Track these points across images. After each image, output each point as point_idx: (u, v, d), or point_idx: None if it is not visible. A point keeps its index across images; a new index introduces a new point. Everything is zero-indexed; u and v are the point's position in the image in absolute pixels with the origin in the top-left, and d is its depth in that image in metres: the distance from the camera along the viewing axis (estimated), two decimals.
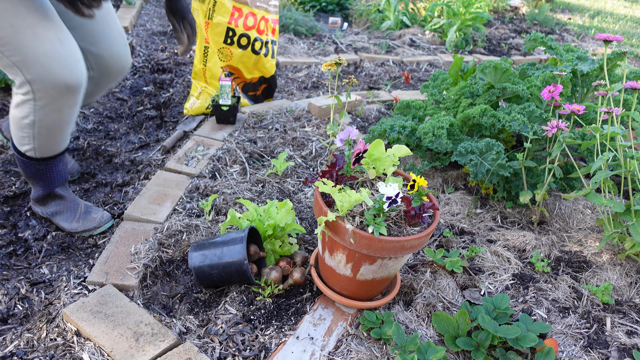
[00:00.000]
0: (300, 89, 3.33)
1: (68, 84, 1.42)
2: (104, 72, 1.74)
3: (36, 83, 1.39)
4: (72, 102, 1.48)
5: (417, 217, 1.28)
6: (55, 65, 1.38)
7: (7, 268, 1.51)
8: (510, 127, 1.91)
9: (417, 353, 1.25)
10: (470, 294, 1.57)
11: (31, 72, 1.37)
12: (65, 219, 1.67)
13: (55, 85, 1.40)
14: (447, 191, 2.15)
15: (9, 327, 1.32)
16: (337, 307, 1.46)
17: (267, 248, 1.59)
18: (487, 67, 2.14)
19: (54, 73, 1.38)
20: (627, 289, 1.63)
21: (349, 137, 1.41)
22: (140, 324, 1.31)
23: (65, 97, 1.45)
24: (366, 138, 2.26)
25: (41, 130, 1.51)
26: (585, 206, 2.06)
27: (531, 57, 4.62)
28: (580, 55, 2.20)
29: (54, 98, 1.43)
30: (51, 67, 1.38)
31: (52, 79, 1.39)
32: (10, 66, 1.38)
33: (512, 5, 6.79)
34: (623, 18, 7.27)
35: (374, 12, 5.30)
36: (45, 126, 1.50)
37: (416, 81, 3.73)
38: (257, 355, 1.29)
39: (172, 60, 3.51)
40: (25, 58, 1.36)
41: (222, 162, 2.22)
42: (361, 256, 1.29)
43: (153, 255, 1.57)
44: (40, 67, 1.37)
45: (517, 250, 1.81)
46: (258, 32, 2.67)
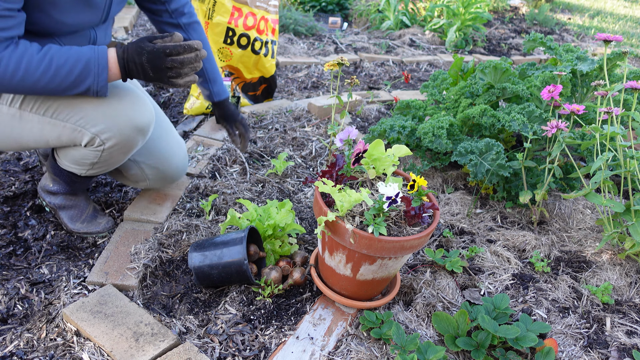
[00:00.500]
0: (300, 89, 3.33)
1: (137, 125, 1.40)
2: (159, 179, 1.77)
3: (104, 133, 1.36)
4: (141, 141, 1.48)
5: (417, 217, 1.28)
6: (120, 108, 1.37)
7: (6, 268, 1.51)
8: (510, 127, 1.91)
9: (417, 353, 1.25)
10: (470, 294, 1.57)
11: (96, 124, 1.35)
12: (69, 217, 1.66)
13: (122, 129, 1.38)
14: (447, 191, 2.15)
15: (9, 327, 1.32)
16: (337, 307, 1.46)
17: (267, 248, 1.59)
18: (487, 67, 2.14)
19: (119, 117, 1.37)
20: (627, 289, 1.63)
21: (349, 137, 1.41)
22: (140, 324, 1.31)
23: (136, 139, 1.44)
24: (366, 138, 2.26)
25: (100, 166, 1.50)
26: (585, 206, 2.06)
27: (531, 57, 4.62)
28: (580, 55, 2.21)
29: (124, 141, 1.41)
30: (115, 111, 1.36)
31: (119, 123, 1.37)
32: (72, 131, 1.36)
33: (512, 5, 6.79)
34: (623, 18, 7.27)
35: (373, 12, 5.30)
36: (106, 163, 1.49)
37: (416, 81, 3.73)
38: (257, 355, 1.29)
39: None
40: (85, 114, 1.34)
41: (222, 162, 2.22)
42: (361, 256, 1.29)
43: (153, 255, 1.57)
44: (103, 115, 1.35)
45: (517, 250, 1.81)
46: (258, 32, 2.67)
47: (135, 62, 1.26)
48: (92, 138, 1.38)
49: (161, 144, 1.70)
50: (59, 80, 1.24)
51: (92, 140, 1.38)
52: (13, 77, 1.20)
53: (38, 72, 1.21)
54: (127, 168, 1.70)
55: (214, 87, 1.82)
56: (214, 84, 1.81)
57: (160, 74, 1.26)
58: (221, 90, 1.85)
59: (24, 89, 1.24)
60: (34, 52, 1.21)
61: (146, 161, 1.69)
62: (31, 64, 1.20)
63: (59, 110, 1.36)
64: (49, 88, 1.25)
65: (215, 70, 1.81)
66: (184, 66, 1.25)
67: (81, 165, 1.50)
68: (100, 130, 1.37)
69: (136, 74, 1.29)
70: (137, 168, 1.70)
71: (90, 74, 1.25)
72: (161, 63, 1.24)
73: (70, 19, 1.34)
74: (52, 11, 1.29)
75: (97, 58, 1.26)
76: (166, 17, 1.69)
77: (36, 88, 1.24)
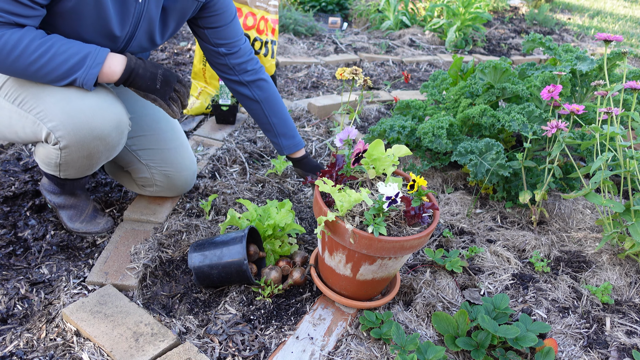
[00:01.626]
0: (300, 89, 3.33)
1: (94, 130, 1.34)
2: (167, 188, 1.79)
3: (58, 130, 1.31)
4: (104, 148, 1.40)
5: (417, 217, 1.28)
6: (79, 108, 1.31)
7: (6, 268, 1.51)
8: (509, 127, 1.91)
9: (416, 353, 1.25)
10: (470, 294, 1.57)
11: (52, 119, 1.30)
12: (69, 217, 1.66)
13: (78, 130, 1.32)
14: (447, 191, 2.15)
15: (9, 327, 1.32)
16: (336, 307, 1.46)
17: (266, 248, 1.59)
18: (487, 67, 2.14)
19: (76, 117, 1.31)
20: (627, 289, 1.64)
21: (349, 137, 1.41)
22: (140, 324, 1.31)
23: (94, 144, 1.37)
24: (366, 138, 2.26)
25: (66, 169, 1.46)
26: (584, 206, 2.06)
27: (531, 57, 4.62)
28: (580, 55, 2.21)
29: (80, 144, 1.35)
30: (74, 110, 1.30)
31: (74, 122, 1.31)
32: (32, 124, 1.33)
33: (511, 5, 6.79)
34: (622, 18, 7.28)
35: (373, 12, 5.30)
36: (71, 166, 1.45)
37: (416, 81, 3.73)
38: (256, 355, 1.29)
39: (172, 60, 3.51)
40: (45, 107, 1.31)
41: (222, 162, 2.22)
42: (361, 256, 1.29)
43: (153, 255, 1.57)
44: (61, 112, 1.30)
45: (517, 250, 1.81)
46: (258, 32, 2.67)
47: (148, 69, 1.36)
48: (48, 134, 1.32)
49: (176, 155, 1.74)
50: (51, 67, 1.23)
51: (48, 135, 1.33)
52: (9, 56, 1.19)
53: (34, 56, 1.20)
54: (138, 171, 1.72)
55: (283, 141, 1.77)
56: (283, 138, 1.77)
57: (167, 88, 1.40)
58: (292, 144, 1.78)
59: (16, 70, 1.23)
60: (37, 36, 1.21)
61: (159, 167, 1.71)
62: (30, 46, 1.19)
63: (25, 99, 1.32)
64: (40, 74, 1.24)
65: (286, 126, 1.76)
66: (183, 97, 1.44)
67: (49, 165, 1.45)
68: (55, 127, 1.31)
69: (141, 79, 1.34)
70: (148, 172, 1.72)
71: (82, 67, 1.26)
72: (172, 81, 1.41)
73: (87, 35, 1.34)
74: (74, 23, 1.29)
75: (97, 54, 1.27)
76: (230, 73, 1.69)
77: (28, 72, 1.23)
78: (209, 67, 2.61)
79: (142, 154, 1.69)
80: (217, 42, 1.62)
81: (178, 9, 1.47)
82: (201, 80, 2.66)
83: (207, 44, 1.64)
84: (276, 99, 1.75)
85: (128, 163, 1.71)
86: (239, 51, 1.66)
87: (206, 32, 1.61)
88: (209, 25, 1.59)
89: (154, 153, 1.70)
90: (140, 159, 1.70)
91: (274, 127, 1.76)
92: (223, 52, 1.63)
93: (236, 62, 1.66)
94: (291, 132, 1.77)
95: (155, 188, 1.78)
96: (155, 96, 1.38)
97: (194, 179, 1.86)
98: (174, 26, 1.53)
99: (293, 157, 1.81)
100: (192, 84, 2.67)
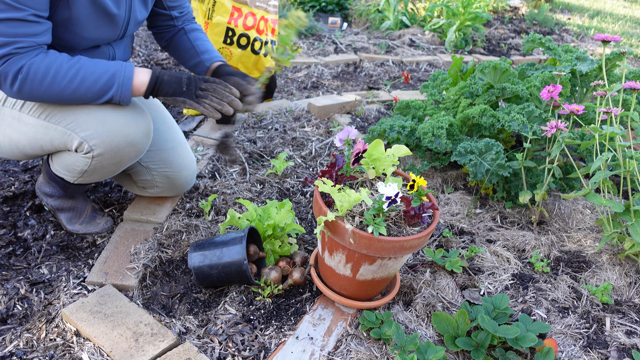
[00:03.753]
0: (300, 89, 3.33)
1: (128, 136, 1.39)
2: (167, 189, 1.80)
3: (93, 139, 1.36)
4: (134, 155, 1.47)
5: (417, 217, 1.28)
6: (113, 116, 1.36)
7: (6, 268, 1.51)
8: (509, 127, 1.91)
9: (416, 353, 1.25)
10: (470, 294, 1.57)
11: (86, 128, 1.35)
12: (68, 219, 1.66)
13: (112, 137, 1.37)
14: (447, 191, 2.15)
15: (9, 327, 1.32)
16: (336, 307, 1.46)
17: (266, 248, 1.59)
18: (487, 67, 2.14)
19: (110, 124, 1.36)
20: (627, 289, 1.64)
21: (348, 137, 1.41)
22: (140, 324, 1.31)
23: (127, 151, 1.43)
24: (366, 138, 2.26)
25: (90, 175, 1.49)
26: (584, 206, 2.06)
27: (531, 57, 4.62)
28: (579, 56, 2.21)
29: (114, 150, 1.40)
30: (108, 118, 1.36)
31: (109, 130, 1.36)
32: (62, 135, 1.36)
33: (511, 5, 6.79)
34: (622, 18, 7.28)
35: (373, 12, 5.30)
36: (96, 172, 1.48)
37: (416, 81, 3.73)
38: (256, 355, 1.29)
39: (172, 60, 3.51)
40: (76, 117, 1.35)
41: (222, 162, 2.22)
42: (361, 256, 1.29)
43: (153, 255, 1.57)
44: (94, 120, 1.35)
45: (517, 250, 1.81)
46: (258, 32, 2.67)
47: (173, 75, 1.38)
48: (81, 143, 1.36)
49: (175, 155, 1.75)
50: (85, 88, 1.29)
51: (80, 145, 1.37)
52: (42, 83, 1.24)
53: (66, 80, 1.26)
54: (139, 173, 1.73)
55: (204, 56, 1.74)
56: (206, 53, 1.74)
57: (193, 87, 1.38)
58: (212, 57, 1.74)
59: (51, 96, 1.28)
60: (64, 61, 1.26)
61: (159, 169, 1.72)
62: (60, 71, 1.25)
63: (53, 113, 1.37)
64: (76, 96, 1.29)
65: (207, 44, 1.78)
66: (215, 93, 1.40)
67: (71, 172, 1.48)
68: (89, 136, 1.35)
69: (166, 85, 1.37)
70: (148, 174, 1.73)
71: (115, 83, 1.32)
72: (198, 82, 1.40)
73: (89, 34, 1.38)
74: (72, 27, 1.33)
75: (124, 70, 1.33)
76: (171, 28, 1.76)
77: (63, 95, 1.28)
78: None
79: (141, 156, 1.70)
80: (170, 5, 1.71)
81: None
82: None
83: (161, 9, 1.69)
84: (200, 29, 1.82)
85: (129, 166, 1.72)
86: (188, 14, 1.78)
87: None
88: None
89: (153, 154, 1.70)
90: (140, 161, 1.70)
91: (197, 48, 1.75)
92: (175, 15, 1.73)
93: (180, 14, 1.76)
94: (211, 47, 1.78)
95: (156, 189, 1.78)
96: (184, 98, 1.39)
97: (193, 179, 1.87)
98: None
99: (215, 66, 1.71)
100: None
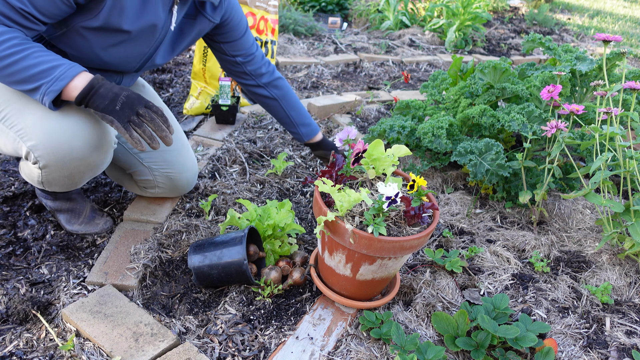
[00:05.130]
0: (300, 89, 3.33)
1: (73, 151, 1.30)
2: (169, 189, 1.80)
3: (37, 150, 1.28)
4: (85, 168, 1.38)
5: (417, 217, 1.28)
6: (60, 128, 1.27)
7: (6, 268, 1.51)
8: (509, 127, 1.91)
9: (416, 353, 1.25)
10: (470, 294, 1.57)
11: (31, 138, 1.27)
12: (67, 220, 1.66)
13: (57, 150, 1.29)
14: (447, 191, 2.15)
15: (9, 327, 1.32)
16: (336, 307, 1.46)
17: (266, 248, 1.59)
18: (487, 67, 2.14)
19: (56, 137, 1.27)
20: (627, 289, 1.64)
21: (348, 137, 1.41)
22: (140, 324, 1.31)
23: (75, 165, 1.34)
24: (366, 138, 2.26)
25: (52, 186, 1.44)
26: (584, 206, 2.06)
27: (530, 57, 4.62)
28: (579, 56, 2.21)
29: (59, 164, 1.32)
30: (53, 130, 1.27)
31: (53, 143, 1.28)
32: (13, 141, 1.31)
33: (511, 5, 6.79)
34: (622, 18, 7.28)
35: (373, 12, 5.30)
36: (55, 184, 1.43)
37: (416, 81, 3.73)
38: (256, 355, 1.29)
39: (172, 60, 3.51)
40: (25, 125, 1.28)
41: (222, 162, 2.22)
42: (361, 256, 1.29)
43: (152, 255, 1.57)
44: (41, 131, 1.27)
45: (517, 250, 1.81)
46: (257, 32, 2.67)
47: (111, 89, 1.23)
48: (28, 152, 1.30)
49: (178, 156, 1.75)
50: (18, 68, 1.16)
51: (28, 154, 1.30)
52: None
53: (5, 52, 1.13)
54: (140, 174, 1.73)
55: (302, 130, 1.88)
56: (302, 127, 1.88)
57: (128, 110, 1.22)
58: (309, 131, 1.89)
59: None
60: (19, 38, 1.15)
61: (161, 169, 1.72)
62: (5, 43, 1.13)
63: (8, 115, 1.30)
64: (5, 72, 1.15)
65: (303, 116, 1.87)
66: (152, 123, 1.24)
67: (32, 180, 1.43)
68: (34, 146, 1.28)
69: (99, 98, 1.21)
70: (150, 175, 1.72)
71: (49, 76, 1.18)
72: (136, 106, 1.23)
73: (108, 58, 1.35)
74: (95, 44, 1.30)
75: (68, 68, 1.19)
76: (247, 78, 1.80)
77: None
78: (209, 68, 2.61)
79: (144, 156, 1.70)
80: (233, 54, 1.72)
81: (195, 31, 1.55)
82: (201, 80, 2.66)
83: (224, 55, 1.74)
84: (291, 93, 1.87)
85: (130, 166, 1.72)
86: (254, 59, 1.76)
87: (222, 45, 1.70)
88: (224, 40, 1.69)
89: (155, 155, 1.70)
90: (142, 161, 1.70)
91: (292, 120, 1.87)
92: (240, 61, 1.74)
93: (252, 68, 1.77)
94: (308, 119, 1.89)
95: (158, 190, 1.78)
96: (112, 117, 1.22)
97: (195, 180, 1.87)
98: (188, 44, 1.59)
99: (313, 142, 1.92)
100: (192, 84, 2.67)
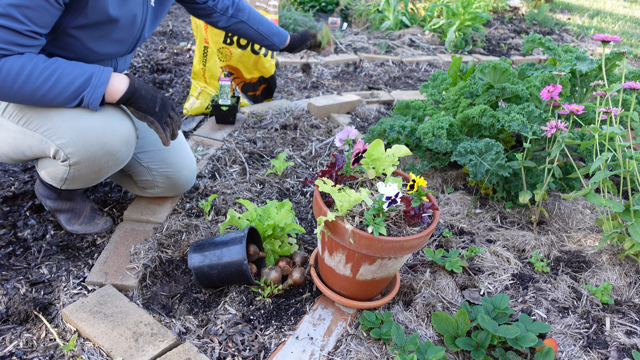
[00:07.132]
0: (300, 89, 3.33)
1: (105, 145, 1.36)
2: (168, 189, 1.80)
3: (68, 147, 1.33)
4: (113, 163, 1.43)
5: (417, 217, 1.28)
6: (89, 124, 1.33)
7: (6, 268, 1.51)
8: (509, 127, 1.91)
9: (416, 353, 1.25)
10: (470, 294, 1.57)
11: (61, 136, 1.32)
12: (67, 220, 1.66)
13: (88, 146, 1.34)
14: (447, 191, 2.15)
15: (9, 327, 1.32)
16: (336, 307, 1.46)
17: (266, 248, 1.59)
18: (487, 67, 2.14)
19: (86, 132, 1.32)
20: (627, 289, 1.64)
21: (348, 137, 1.41)
22: (140, 324, 1.31)
23: (105, 160, 1.40)
24: (365, 138, 2.26)
25: (72, 183, 1.48)
26: (584, 206, 2.06)
27: (530, 57, 4.62)
28: (579, 56, 2.21)
29: (90, 159, 1.37)
30: (83, 126, 1.32)
31: (84, 139, 1.33)
32: (40, 142, 1.34)
33: (511, 5, 6.80)
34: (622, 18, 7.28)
35: (373, 12, 5.30)
36: (77, 180, 1.46)
37: (416, 81, 3.73)
38: (256, 355, 1.29)
39: (172, 60, 3.51)
40: (53, 125, 1.32)
41: (222, 162, 2.22)
42: (361, 256, 1.29)
43: (152, 255, 1.57)
44: (70, 128, 1.32)
45: (517, 250, 1.81)
46: None
47: (149, 91, 1.39)
48: (57, 151, 1.34)
49: (176, 155, 1.76)
50: (59, 89, 1.25)
51: (57, 152, 1.34)
52: (14, 83, 1.20)
53: (40, 79, 1.22)
54: (139, 174, 1.73)
55: (275, 39, 2.07)
56: (273, 36, 2.06)
57: (163, 112, 1.43)
58: (281, 37, 2.08)
59: (23, 97, 1.24)
60: (39, 61, 1.22)
61: (159, 169, 1.73)
62: (34, 71, 1.21)
63: (31, 119, 1.34)
64: (49, 97, 1.26)
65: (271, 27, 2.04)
66: (174, 123, 1.46)
67: (54, 179, 1.47)
68: (65, 144, 1.32)
69: (142, 100, 1.36)
70: (149, 175, 1.73)
71: (88, 86, 1.28)
72: (168, 107, 1.45)
73: (101, 49, 1.39)
74: (86, 40, 1.34)
75: (101, 73, 1.29)
76: (217, 17, 1.94)
77: (35, 96, 1.24)
78: (209, 68, 2.61)
79: (142, 156, 1.70)
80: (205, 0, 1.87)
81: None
82: (201, 80, 2.66)
83: (195, 5, 1.87)
84: (254, 11, 2.02)
85: (129, 167, 1.72)
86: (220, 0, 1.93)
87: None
88: None
89: (153, 154, 1.70)
90: (141, 162, 1.70)
91: (263, 34, 2.04)
92: (211, 4, 1.89)
93: (221, 6, 1.92)
94: (276, 28, 2.07)
95: (157, 189, 1.78)
96: (154, 118, 1.39)
97: (194, 178, 1.87)
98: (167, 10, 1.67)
99: (288, 45, 2.12)
100: (192, 84, 2.67)
